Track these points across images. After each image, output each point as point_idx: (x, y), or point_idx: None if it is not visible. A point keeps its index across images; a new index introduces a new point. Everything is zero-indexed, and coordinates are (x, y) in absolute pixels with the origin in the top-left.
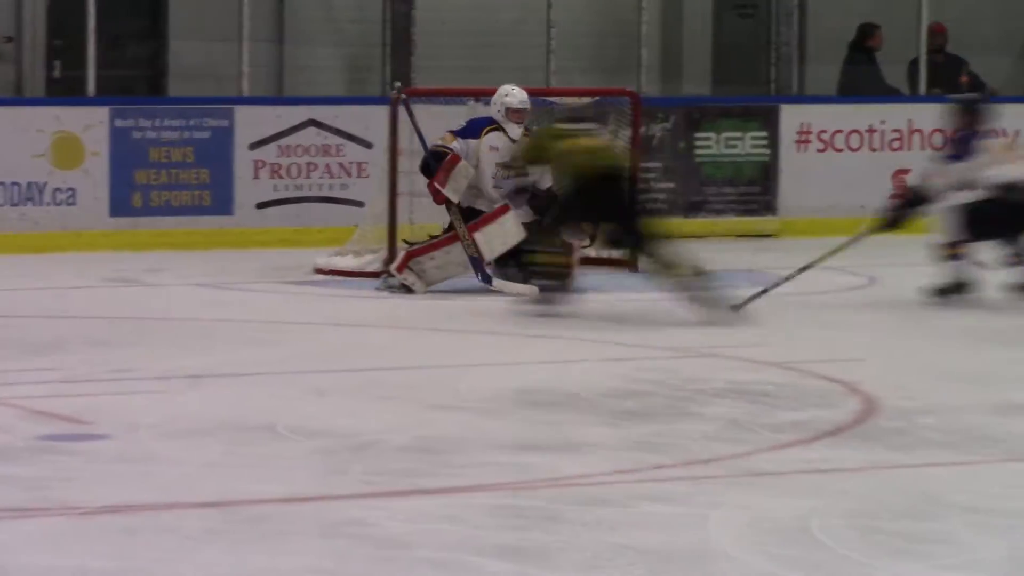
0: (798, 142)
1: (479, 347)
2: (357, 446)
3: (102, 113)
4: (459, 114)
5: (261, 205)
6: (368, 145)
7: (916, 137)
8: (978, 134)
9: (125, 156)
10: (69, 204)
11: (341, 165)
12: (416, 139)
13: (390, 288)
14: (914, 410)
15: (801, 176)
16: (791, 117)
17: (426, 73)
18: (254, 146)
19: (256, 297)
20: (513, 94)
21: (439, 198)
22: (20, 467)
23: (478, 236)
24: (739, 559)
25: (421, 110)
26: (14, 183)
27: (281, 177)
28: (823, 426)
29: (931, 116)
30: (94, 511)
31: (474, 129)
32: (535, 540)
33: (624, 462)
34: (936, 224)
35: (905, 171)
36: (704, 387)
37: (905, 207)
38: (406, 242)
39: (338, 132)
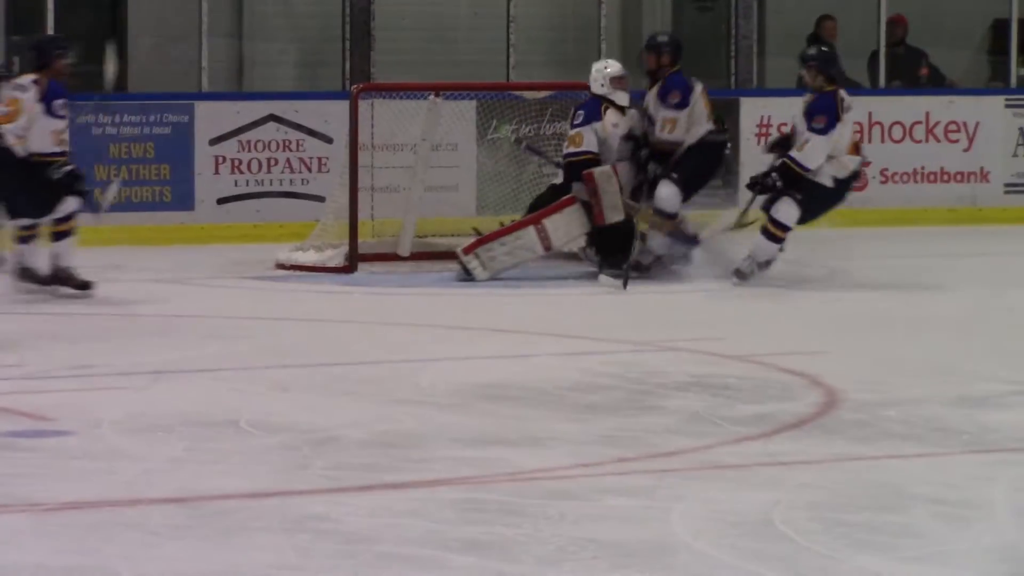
0: (758, 135)
1: (440, 341)
2: (319, 441)
3: None
4: (420, 108)
5: (222, 200)
6: (328, 140)
7: (876, 130)
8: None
9: (85, 152)
10: None
11: (301, 160)
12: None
13: (462, 272)
14: (876, 402)
15: (761, 169)
16: (751, 110)
17: (385, 67)
18: (214, 142)
19: (217, 293)
20: (610, 64)
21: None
22: None
23: (546, 223)
24: (702, 552)
25: (380, 105)
26: None
27: (241, 172)
28: (785, 419)
29: (891, 109)
30: (56, 508)
31: (593, 112)
32: (498, 534)
33: (586, 456)
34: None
35: (866, 164)
36: (666, 380)
37: None
38: (476, 230)
39: (298, 127)
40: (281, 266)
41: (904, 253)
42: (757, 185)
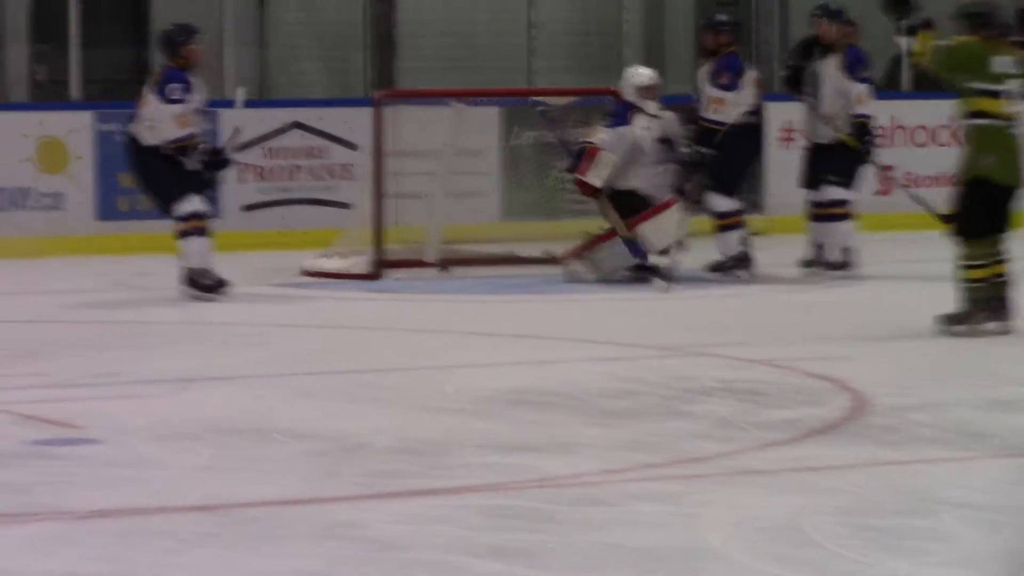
0: (782, 140)
1: (466, 347)
2: (347, 448)
3: (85, 117)
4: (444, 115)
5: (247, 208)
6: (353, 147)
7: (900, 134)
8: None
9: (110, 160)
10: (55, 209)
11: (326, 167)
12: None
13: (571, 275)
14: (905, 406)
15: (787, 174)
16: (776, 115)
17: (409, 74)
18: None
19: (243, 300)
20: (640, 73)
21: (586, 190)
22: (10, 472)
23: (645, 228)
24: (730, 558)
25: (404, 112)
26: (0, 188)
27: (266, 180)
28: (813, 424)
29: (915, 113)
30: (85, 516)
31: (622, 116)
32: (526, 540)
33: (614, 461)
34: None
35: (888, 167)
36: (693, 386)
37: None
38: (587, 233)
39: (322, 134)
40: (307, 273)
41: (930, 257)
42: (866, 154)
